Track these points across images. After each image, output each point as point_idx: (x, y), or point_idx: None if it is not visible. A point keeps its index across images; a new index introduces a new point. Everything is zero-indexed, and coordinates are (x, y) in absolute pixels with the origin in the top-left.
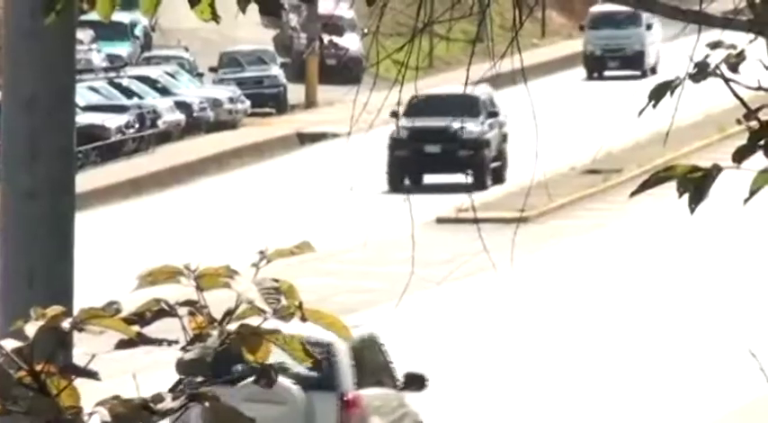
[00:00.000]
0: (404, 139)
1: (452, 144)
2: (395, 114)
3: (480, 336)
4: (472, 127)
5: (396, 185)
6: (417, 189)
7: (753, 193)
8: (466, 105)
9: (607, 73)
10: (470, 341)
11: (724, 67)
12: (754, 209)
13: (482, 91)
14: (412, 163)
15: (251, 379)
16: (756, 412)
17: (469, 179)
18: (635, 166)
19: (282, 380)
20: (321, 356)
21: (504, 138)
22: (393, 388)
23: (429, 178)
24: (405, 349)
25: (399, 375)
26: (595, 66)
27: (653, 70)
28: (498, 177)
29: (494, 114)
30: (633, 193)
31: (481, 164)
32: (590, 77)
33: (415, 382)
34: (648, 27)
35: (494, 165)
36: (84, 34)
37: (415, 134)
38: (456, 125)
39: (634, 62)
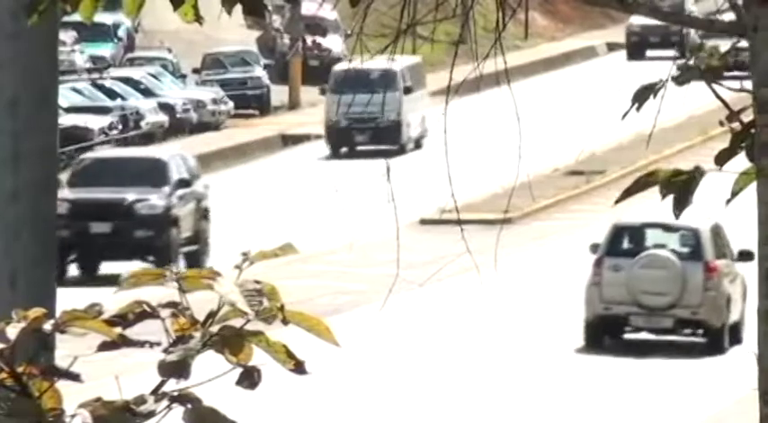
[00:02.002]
0: (63, 214)
1: (127, 222)
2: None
3: (463, 337)
4: (155, 200)
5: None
6: (90, 280)
7: (735, 194)
8: (149, 171)
9: (359, 148)
10: (453, 342)
11: None
12: (737, 209)
13: (172, 153)
14: (74, 246)
15: (647, 252)
16: (735, 417)
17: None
18: (618, 168)
19: (666, 252)
20: (690, 237)
21: (203, 214)
22: (731, 259)
23: (109, 266)
24: (390, 350)
25: (735, 251)
26: (341, 139)
27: (417, 144)
28: (195, 265)
29: (186, 184)
30: (617, 201)
31: (166, 248)
32: (335, 154)
33: (746, 256)
34: (407, 91)
35: (187, 249)
36: (66, 35)
37: (77, 209)
38: (131, 197)
39: (388, 135)
